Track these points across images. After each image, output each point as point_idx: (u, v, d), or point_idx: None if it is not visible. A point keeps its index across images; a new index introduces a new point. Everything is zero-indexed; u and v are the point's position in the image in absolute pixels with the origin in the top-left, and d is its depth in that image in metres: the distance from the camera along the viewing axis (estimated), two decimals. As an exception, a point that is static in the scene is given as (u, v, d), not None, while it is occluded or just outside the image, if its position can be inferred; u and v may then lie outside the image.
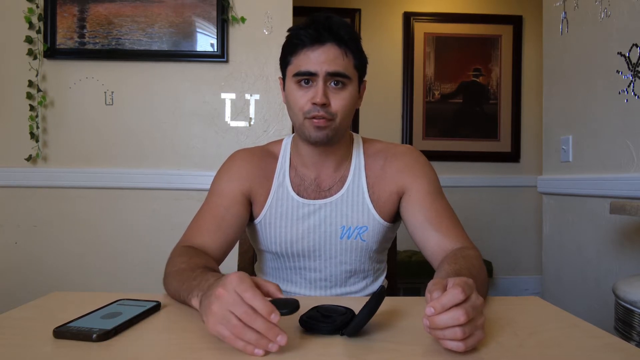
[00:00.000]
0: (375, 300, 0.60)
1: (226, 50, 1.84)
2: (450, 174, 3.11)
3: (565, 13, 1.91)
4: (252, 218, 1.00)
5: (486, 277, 0.83)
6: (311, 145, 0.94)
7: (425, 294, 0.60)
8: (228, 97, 1.87)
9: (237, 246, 1.16)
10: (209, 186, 1.00)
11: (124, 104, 1.85)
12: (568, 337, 0.64)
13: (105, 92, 1.84)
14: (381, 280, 1.08)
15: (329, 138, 0.90)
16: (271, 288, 0.61)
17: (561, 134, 1.95)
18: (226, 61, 1.85)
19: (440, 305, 0.54)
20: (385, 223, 0.97)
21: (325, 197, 0.97)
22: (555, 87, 2.01)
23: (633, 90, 1.54)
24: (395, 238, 1.18)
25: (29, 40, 1.77)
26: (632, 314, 1.10)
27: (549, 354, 0.57)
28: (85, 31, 1.81)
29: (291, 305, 0.58)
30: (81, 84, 1.83)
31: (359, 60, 0.91)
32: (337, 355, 0.56)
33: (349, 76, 0.88)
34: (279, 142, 1.05)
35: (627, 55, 1.56)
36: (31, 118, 1.78)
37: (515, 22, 3.22)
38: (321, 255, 0.98)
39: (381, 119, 3.19)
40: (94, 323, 0.62)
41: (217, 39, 1.82)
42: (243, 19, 1.83)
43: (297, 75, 0.88)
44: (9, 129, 1.81)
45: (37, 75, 1.79)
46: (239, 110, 1.87)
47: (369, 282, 1.04)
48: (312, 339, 0.60)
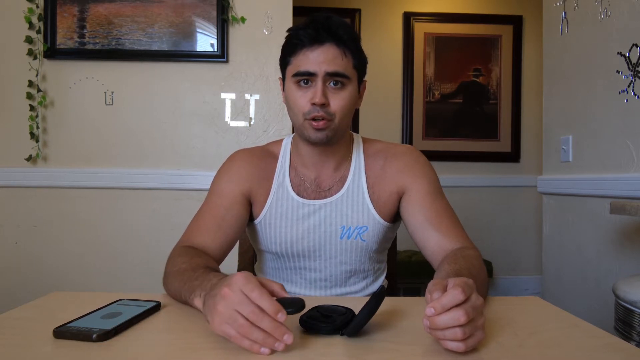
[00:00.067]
0: (375, 300, 0.60)
1: (226, 50, 1.84)
2: (450, 174, 3.11)
3: (565, 13, 1.91)
4: (252, 218, 1.00)
5: (486, 277, 0.83)
6: (311, 146, 0.94)
7: (425, 294, 0.60)
8: (228, 97, 1.87)
9: (237, 246, 1.16)
10: (209, 186, 1.00)
11: (124, 104, 1.85)
12: (568, 337, 0.64)
13: (105, 92, 1.84)
14: (381, 280, 1.08)
15: (328, 138, 0.90)
16: (276, 287, 0.61)
17: (561, 134, 1.95)
18: (226, 61, 1.85)
19: (440, 305, 0.54)
20: (385, 223, 0.97)
21: (325, 197, 0.97)
22: (555, 87, 2.01)
23: (633, 90, 1.54)
24: (395, 238, 1.18)
25: (29, 40, 1.77)
26: (632, 314, 1.10)
27: (549, 354, 0.57)
28: (85, 31, 1.81)
29: (297, 304, 0.58)
30: (81, 84, 1.83)
31: (358, 60, 0.91)
32: (337, 355, 0.56)
33: (348, 76, 0.88)
34: (278, 142, 1.05)
35: (627, 55, 1.56)
36: (31, 118, 1.78)
37: (515, 22, 3.22)
38: (321, 255, 0.98)
39: (381, 119, 3.19)
40: (94, 323, 0.62)
41: (217, 39, 1.82)
42: (243, 19, 1.83)
43: (296, 75, 0.88)
44: (9, 129, 1.81)
45: (37, 75, 1.79)
46: (239, 110, 1.87)
47: (369, 282, 1.04)
48: (312, 339, 0.60)
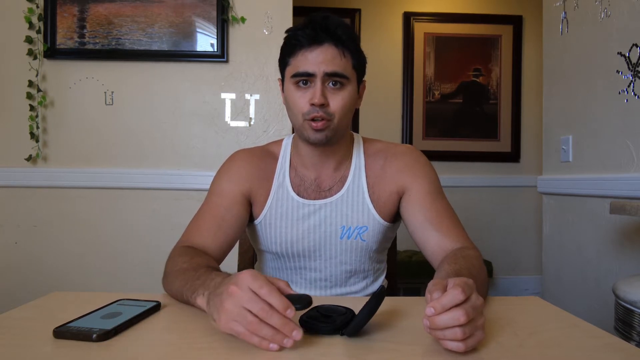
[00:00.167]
0: (375, 300, 0.60)
1: (226, 50, 1.84)
2: (450, 174, 3.11)
3: (565, 13, 1.91)
4: (252, 218, 1.00)
5: (486, 277, 0.83)
6: (311, 146, 0.94)
7: (425, 294, 0.60)
8: (228, 97, 1.87)
9: (237, 246, 1.16)
10: (209, 186, 1.00)
11: (124, 104, 1.85)
12: (568, 337, 0.64)
13: (105, 92, 1.84)
14: (381, 280, 1.08)
15: (328, 139, 0.89)
16: (281, 284, 0.62)
17: (561, 134, 1.95)
18: (226, 61, 1.85)
19: (440, 305, 0.54)
20: (385, 223, 0.97)
21: (325, 197, 0.97)
22: (555, 87, 2.01)
23: (633, 90, 1.54)
24: (395, 238, 1.18)
25: (29, 40, 1.77)
26: (632, 314, 1.10)
27: (549, 354, 0.57)
28: (85, 31, 1.81)
29: (304, 301, 0.59)
30: (81, 84, 1.83)
31: (357, 60, 0.91)
32: (337, 355, 0.56)
33: (347, 76, 0.88)
34: (278, 142, 1.05)
35: (627, 55, 1.56)
36: (31, 118, 1.78)
37: (515, 22, 3.22)
38: (321, 255, 0.98)
39: (381, 119, 3.19)
40: (94, 323, 0.62)
41: (217, 39, 1.82)
42: (243, 19, 1.83)
43: (295, 76, 0.88)
44: (9, 129, 1.81)
45: (37, 75, 1.79)
46: (239, 110, 1.87)
47: (369, 282, 1.04)
48: (312, 339, 0.60)
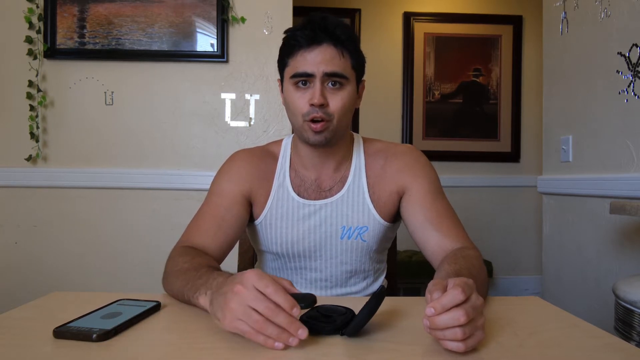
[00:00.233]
0: (375, 300, 0.60)
1: (226, 50, 1.84)
2: (450, 174, 3.11)
3: (565, 13, 1.91)
4: (252, 219, 1.00)
5: (486, 277, 0.83)
6: (311, 147, 0.94)
7: (425, 294, 0.60)
8: (228, 97, 1.87)
9: (237, 246, 1.16)
10: (209, 186, 1.00)
11: (124, 104, 1.85)
12: (568, 337, 0.64)
13: (105, 92, 1.84)
14: (381, 281, 1.08)
15: (327, 140, 0.89)
16: (285, 284, 0.62)
17: (561, 134, 1.95)
18: (226, 61, 1.85)
19: (440, 305, 0.54)
20: (386, 223, 0.97)
21: (325, 197, 0.97)
22: (555, 87, 2.01)
23: (633, 90, 1.54)
24: (395, 238, 1.18)
25: (29, 40, 1.77)
26: (632, 314, 1.10)
27: (549, 354, 0.57)
28: (85, 31, 1.81)
29: (308, 300, 0.60)
30: (81, 84, 1.83)
31: (356, 60, 0.91)
32: (337, 355, 0.56)
33: (346, 76, 0.88)
34: (278, 142, 1.05)
35: (627, 55, 1.56)
36: (31, 118, 1.78)
37: (515, 22, 3.22)
38: (322, 255, 0.98)
39: (381, 119, 3.19)
40: (94, 323, 0.62)
41: (217, 39, 1.82)
42: (243, 19, 1.83)
43: (294, 76, 0.88)
44: (9, 129, 1.81)
45: (37, 75, 1.79)
46: (239, 110, 1.87)
47: (370, 282, 1.04)
48: (312, 339, 0.60)
